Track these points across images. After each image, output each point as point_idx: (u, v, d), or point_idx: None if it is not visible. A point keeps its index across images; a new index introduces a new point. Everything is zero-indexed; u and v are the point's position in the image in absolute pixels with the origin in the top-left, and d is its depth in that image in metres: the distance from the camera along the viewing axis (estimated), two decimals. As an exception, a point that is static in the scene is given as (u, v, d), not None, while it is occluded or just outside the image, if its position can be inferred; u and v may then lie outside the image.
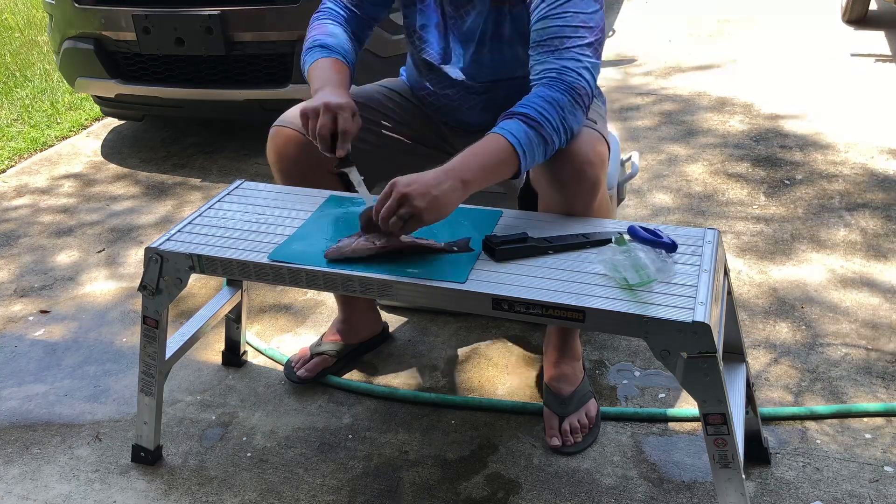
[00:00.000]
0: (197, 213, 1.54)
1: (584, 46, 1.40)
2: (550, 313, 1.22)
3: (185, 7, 2.79)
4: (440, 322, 2.08)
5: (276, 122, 1.64)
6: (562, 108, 1.35)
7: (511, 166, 1.33)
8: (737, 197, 2.65)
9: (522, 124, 1.33)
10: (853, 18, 4.64)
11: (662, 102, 3.58)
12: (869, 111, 3.33)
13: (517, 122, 1.33)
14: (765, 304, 2.07)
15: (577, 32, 1.40)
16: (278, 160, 1.64)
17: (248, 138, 3.43)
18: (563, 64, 1.38)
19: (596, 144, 1.43)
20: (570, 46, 1.39)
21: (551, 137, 1.35)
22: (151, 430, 1.63)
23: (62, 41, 3.13)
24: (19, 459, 1.70)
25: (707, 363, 1.16)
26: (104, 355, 2.04)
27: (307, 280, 1.34)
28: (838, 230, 2.40)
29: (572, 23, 1.40)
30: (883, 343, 1.90)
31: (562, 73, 1.38)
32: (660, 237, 1.33)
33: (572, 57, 1.38)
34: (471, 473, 1.60)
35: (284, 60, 2.84)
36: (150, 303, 1.49)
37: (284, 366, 1.90)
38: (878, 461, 1.56)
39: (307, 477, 1.61)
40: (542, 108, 1.35)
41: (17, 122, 3.83)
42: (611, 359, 1.90)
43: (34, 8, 6.40)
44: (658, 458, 1.61)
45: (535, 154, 1.35)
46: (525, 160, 1.33)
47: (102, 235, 2.68)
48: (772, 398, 1.74)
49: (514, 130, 1.33)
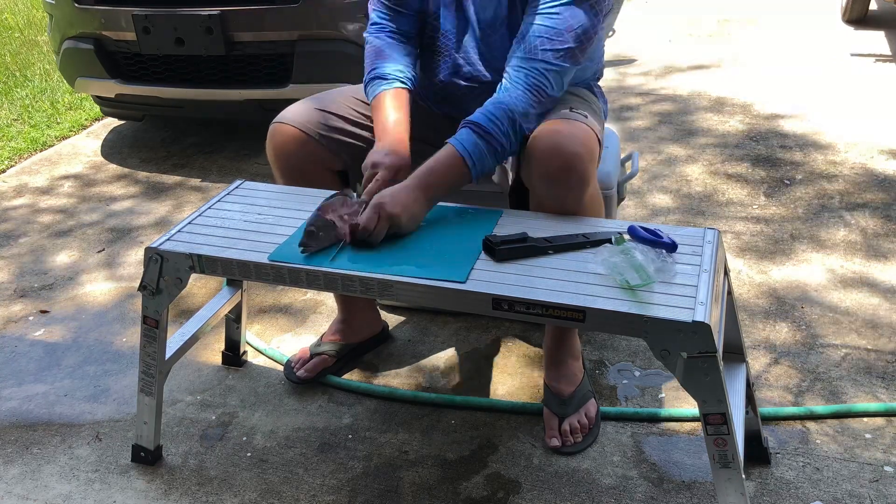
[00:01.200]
0: (197, 213, 1.54)
1: (561, 52, 1.48)
2: (550, 313, 1.22)
3: (185, 7, 2.79)
4: (440, 322, 2.08)
5: (276, 119, 1.64)
6: (513, 114, 1.47)
7: (464, 175, 1.45)
8: (736, 197, 2.65)
9: (473, 134, 1.45)
10: (853, 18, 4.64)
11: (662, 102, 3.58)
12: (869, 111, 3.33)
13: (468, 132, 1.46)
14: (765, 304, 2.07)
15: (561, 36, 1.47)
16: (277, 157, 1.64)
17: (248, 138, 3.44)
18: (532, 66, 1.48)
19: (585, 138, 1.44)
20: (546, 49, 1.48)
21: (500, 144, 1.46)
22: (151, 430, 1.63)
23: (62, 41, 3.13)
24: (19, 459, 1.70)
25: (707, 363, 1.16)
26: (104, 355, 2.04)
27: (307, 280, 1.34)
28: (838, 230, 2.40)
29: (559, 26, 1.47)
30: (883, 343, 1.90)
31: (528, 76, 1.48)
32: (660, 237, 1.33)
33: (544, 59, 1.48)
34: (471, 473, 1.60)
35: (284, 60, 2.84)
36: (150, 303, 1.49)
37: (284, 366, 1.90)
38: (878, 461, 1.56)
39: (307, 477, 1.61)
40: (494, 116, 1.46)
41: (17, 122, 3.83)
42: (611, 359, 1.91)
43: (34, 8, 6.40)
44: (658, 458, 1.61)
45: (485, 161, 1.46)
46: (475, 169, 1.45)
47: (102, 235, 2.68)
48: (772, 398, 1.74)
49: (464, 141, 1.45)
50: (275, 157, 1.64)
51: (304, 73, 2.80)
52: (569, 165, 1.41)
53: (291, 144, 1.62)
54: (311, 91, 2.68)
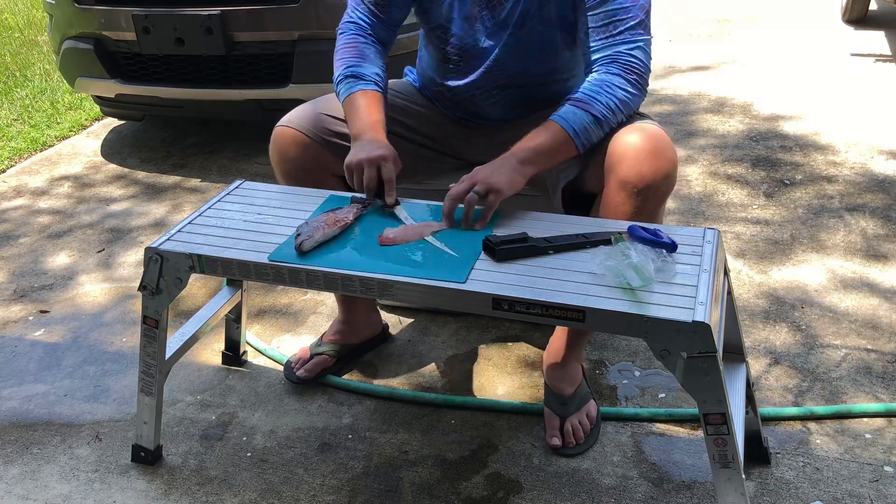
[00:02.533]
0: (197, 213, 1.54)
1: (636, 26, 1.47)
2: (550, 313, 1.22)
3: (185, 7, 2.79)
4: (440, 322, 2.08)
5: (279, 122, 1.64)
6: (611, 86, 1.45)
7: (566, 143, 1.45)
8: (736, 197, 2.65)
9: (572, 106, 1.45)
10: (853, 18, 4.64)
11: (662, 103, 3.58)
12: (869, 111, 3.33)
13: (568, 106, 1.46)
14: (765, 304, 2.07)
15: (630, 13, 1.47)
16: (281, 161, 1.64)
17: (248, 138, 3.44)
18: (616, 49, 1.47)
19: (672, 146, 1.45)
20: (623, 30, 1.47)
21: (602, 114, 1.45)
22: (151, 429, 1.63)
23: (62, 41, 3.13)
24: (19, 459, 1.70)
25: (707, 363, 1.16)
26: (104, 355, 2.04)
27: (307, 280, 1.34)
28: (838, 231, 2.40)
29: (625, 3, 1.47)
30: (883, 343, 1.90)
31: (615, 58, 1.47)
32: (660, 237, 1.33)
33: (625, 40, 1.47)
34: (471, 473, 1.60)
35: (284, 60, 2.84)
36: (150, 303, 1.49)
37: (284, 366, 1.90)
38: (878, 461, 1.56)
39: (307, 477, 1.61)
40: (590, 90, 1.46)
41: (17, 122, 3.83)
42: (611, 359, 1.91)
43: (34, 8, 6.40)
44: (658, 458, 1.61)
45: (590, 132, 1.45)
46: (578, 138, 1.44)
47: (102, 235, 2.68)
48: (772, 398, 1.74)
49: (564, 113, 1.45)
50: (278, 161, 1.64)
51: (304, 73, 2.80)
52: (666, 172, 1.40)
53: (294, 148, 1.62)
54: (311, 91, 2.68)
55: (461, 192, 1.40)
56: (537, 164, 1.44)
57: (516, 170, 1.42)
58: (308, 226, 1.40)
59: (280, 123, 1.64)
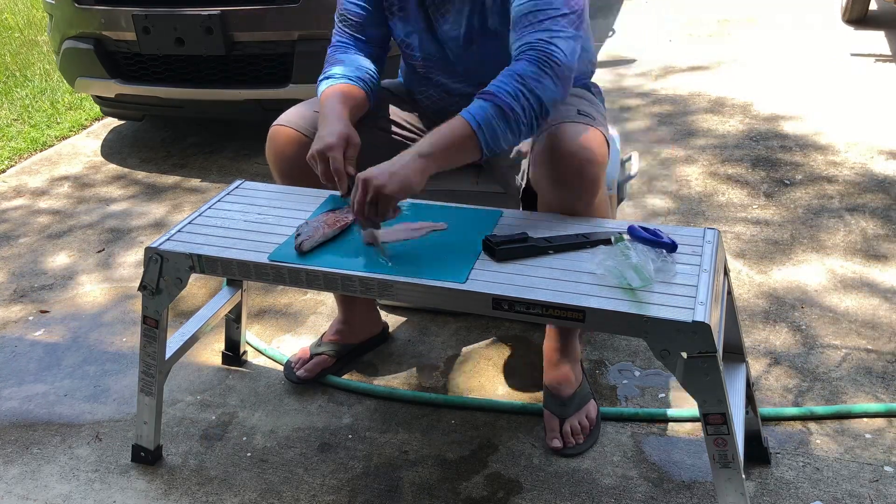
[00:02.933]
0: (197, 213, 1.54)
1: (557, 18, 1.40)
2: (550, 313, 1.22)
3: (185, 7, 2.79)
4: (440, 322, 2.08)
5: (276, 121, 1.65)
6: (523, 77, 1.36)
7: (469, 139, 1.35)
8: (736, 198, 2.65)
9: (479, 99, 1.37)
10: (853, 18, 4.64)
11: (661, 103, 3.58)
12: (869, 111, 3.33)
13: (476, 100, 1.37)
14: (764, 304, 2.07)
15: (552, 5, 1.40)
16: (277, 160, 1.64)
17: (248, 138, 3.43)
18: (535, 37, 1.39)
19: (596, 142, 1.44)
20: (542, 20, 1.40)
21: (509, 105, 1.35)
22: (151, 429, 1.63)
23: (62, 41, 3.13)
24: (19, 459, 1.70)
25: (707, 363, 1.16)
26: (104, 355, 2.04)
27: (307, 280, 1.34)
28: (838, 231, 2.40)
29: None
30: (883, 343, 1.90)
31: (532, 46, 1.39)
32: (660, 237, 1.33)
33: (545, 28, 1.39)
34: (471, 473, 1.60)
35: (284, 60, 2.84)
36: (150, 303, 1.49)
37: (284, 366, 1.90)
38: (878, 461, 1.56)
39: (307, 477, 1.61)
40: (501, 81, 1.37)
41: (17, 122, 3.83)
42: (611, 359, 1.91)
43: (34, 8, 6.40)
44: (658, 458, 1.61)
45: (495, 126, 1.35)
46: (482, 132, 1.34)
47: (102, 235, 2.68)
48: (772, 398, 1.74)
49: (471, 107, 1.36)
50: (274, 160, 1.64)
51: (304, 73, 2.80)
52: (581, 170, 1.41)
53: (290, 147, 1.62)
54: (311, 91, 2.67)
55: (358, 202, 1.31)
56: (438, 160, 1.35)
57: (412, 167, 1.32)
58: (308, 226, 1.40)
59: (276, 122, 1.64)
